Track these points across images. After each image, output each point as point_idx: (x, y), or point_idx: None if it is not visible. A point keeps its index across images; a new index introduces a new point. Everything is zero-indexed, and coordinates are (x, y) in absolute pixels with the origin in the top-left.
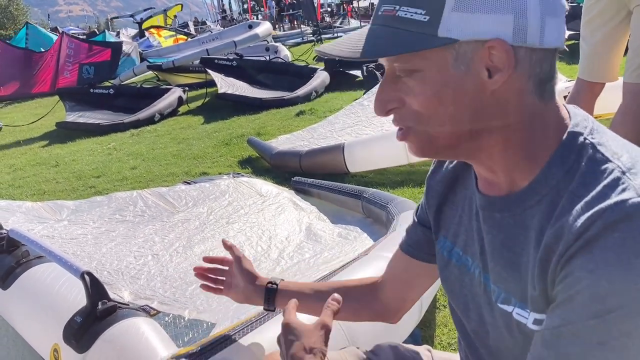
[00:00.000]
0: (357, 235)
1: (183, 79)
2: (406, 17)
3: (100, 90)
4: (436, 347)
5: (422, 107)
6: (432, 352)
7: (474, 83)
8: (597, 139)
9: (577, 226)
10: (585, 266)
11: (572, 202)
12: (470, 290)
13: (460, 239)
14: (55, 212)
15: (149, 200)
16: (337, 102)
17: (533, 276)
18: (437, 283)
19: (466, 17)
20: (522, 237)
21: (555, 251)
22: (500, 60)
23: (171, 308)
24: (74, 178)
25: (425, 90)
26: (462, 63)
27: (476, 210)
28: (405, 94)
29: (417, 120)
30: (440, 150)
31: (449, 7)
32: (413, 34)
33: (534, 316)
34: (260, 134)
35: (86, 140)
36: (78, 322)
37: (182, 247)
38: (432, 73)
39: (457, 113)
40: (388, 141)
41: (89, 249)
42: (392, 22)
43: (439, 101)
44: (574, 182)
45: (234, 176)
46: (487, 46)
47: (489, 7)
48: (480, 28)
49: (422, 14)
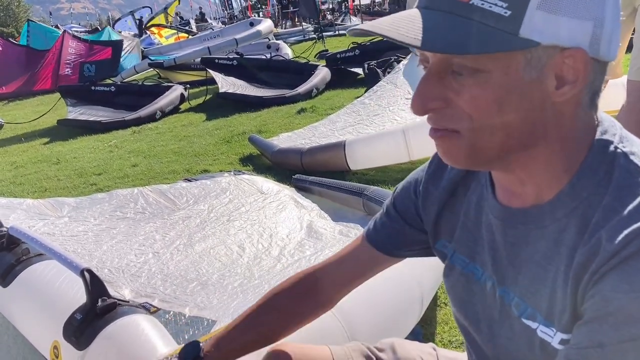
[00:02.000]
0: (358, 233)
1: (184, 76)
2: (483, 8)
3: (102, 88)
4: (437, 345)
5: (477, 112)
6: (437, 351)
7: (539, 92)
8: (628, 148)
9: (614, 244)
10: (619, 286)
11: (606, 217)
12: (481, 300)
13: (464, 245)
14: (56, 209)
15: (149, 197)
16: (338, 100)
17: (565, 295)
18: (439, 280)
19: (550, 18)
20: (551, 251)
21: (589, 268)
22: (574, 72)
23: (172, 305)
24: (75, 175)
25: (486, 93)
26: (535, 69)
27: (486, 219)
28: (456, 93)
29: (465, 124)
30: (482, 162)
31: (534, 3)
32: (491, 30)
33: (560, 336)
34: (262, 132)
35: (87, 138)
36: (78, 319)
37: (183, 245)
38: (499, 75)
39: (513, 123)
40: (389, 138)
41: (90, 247)
42: (462, 10)
43: (499, 107)
44: (608, 196)
45: (235, 174)
46: (564, 54)
47: (574, 11)
48: (562, 33)
49: (503, 7)
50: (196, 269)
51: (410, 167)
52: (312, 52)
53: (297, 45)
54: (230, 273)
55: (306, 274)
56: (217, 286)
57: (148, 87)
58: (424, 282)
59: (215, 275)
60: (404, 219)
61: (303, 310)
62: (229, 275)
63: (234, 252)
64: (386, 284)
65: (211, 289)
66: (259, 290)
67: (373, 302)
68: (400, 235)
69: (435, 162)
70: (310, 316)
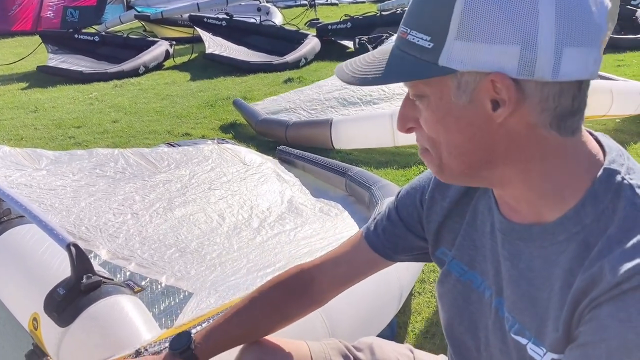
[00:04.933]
0: (338, 213)
1: (170, 31)
2: (413, 42)
3: (85, 37)
4: (409, 335)
5: (430, 132)
6: (414, 353)
7: (478, 114)
8: (635, 180)
9: (616, 276)
10: (616, 315)
11: (610, 247)
12: (478, 308)
13: (465, 253)
14: (34, 161)
15: (130, 158)
16: (326, 72)
17: (559, 317)
18: (417, 273)
19: (469, 46)
20: (546, 272)
21: (588, 295)
22: (505, 93)
23: (148, 271)
24: (54, 126)
25: (431, 116)
26: (465, 93)
27: (492, 229)
28: (420, 116)
29: (430, 144)
30: (455, 177)
31: (452, 35)
32: (417, 60)
33: (550, 356)
34: (246, 98)
35: (67, 87)
36: (61, 294)
37: (163, 208)
38: (435, 100)
39: (461, 142)
40: (376, 121)
41: (68, 202)
42: (403, 45)
43: (444, 129)
44: (613, 226)
45: (218, 142)
46: (488, 78)
47: (493, 37)
48: (482, 59)
49: (427, 40)
50: (175, 234)
51: (394, 151)
52: (303, 20)
53: (287, 10)
54: (209, 242)
55: (301, 270)
56: (195, 255)
57: (133, 40)
58: (403, 276)
59: (194, 243)
60: (405, 225)
61: (296, 306)
62: (207, 244)
63: (213, 221)
64: (367, 278)
65: (189, 257)
66: (237, 264)
67: (353, 295)
68: (400, 241)
69: None
70: (303, 312)
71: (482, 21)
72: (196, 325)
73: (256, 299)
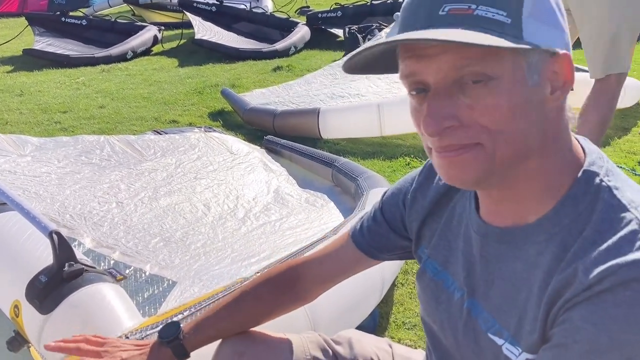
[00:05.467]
0: (324, 204)
1: (159, 16)
2: (487, 17)
3: (73, 20)
4: (391, 325)
5: (493, 121)
6: (393, 348)
7: (540, 98)
8: (613, 182)
9: (589, 277)
10: (589, 317)
11: (585, 248)
12: (446, 309)
13: (439, 252)
14: (18, 147)
15: (116, 146)
16: (315, 61)
17: (536, 317)
18: (400, 265)
19: (539, 26)
20: (526, 273)
21: (562, 296)
22: (562, 76)
23: (133, 260)
24: (39, 111)
25: (500, 101)
26: (535, 73)
27: (466, 231)
28: (469, 108)
29: (484, 137)
30: (494, 176)
31: (526, 12)
32: (500, 34)
33: (525, 356)
34: (235, 86)
35: (54, 71)
36: (43, 281)
37: (148, 197)
38: (509, 81)
39: (525, 129)
40: (364, 111)
41: (52, 190)
42: (469, 21)
43: (513, 114)
44: (589, 228)
45: (205, 130)
46: (554, 59)
47: (552, 20)
48: (548, 38)
49: (504, 15)
50: (160, 223)
51: (381, 142)
52: (293, 7)
53: None
54: (194, 232)
55: (289, 267)
56: (179, 244)
57: (121, 24)
58: (385, 267)
59: (178, 233)
60: (389, 225)
61: (283, 302)
62: (192, 233)
63: (199, 210)
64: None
65: (173, 247)
66: (222, 253)
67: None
68: (384, 240)
69: (425, 171)
70: (290, 308)
71: (546, 2)
72: (178, 314)
73: (245, 294)
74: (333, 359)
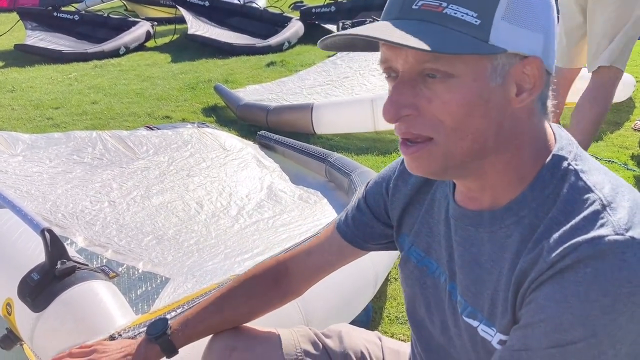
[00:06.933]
0: (317, 200)
1: (153, 11)
2: (455, 17)
3: (65, 15)
4: (384, 320)
5: (448, 116)
6: (382, 341)
7: (503, 98)
8: (580, 166)
9: (552, 255)
10: (552, 296)
11: (550, 229)
12: (433, 294)
13: (422, 239)
14: (9, 145)
15: (108, 143)
16: (309, 57)
17: (506, 299)
18: (392, 259)
19: (512, 28)
20: (496, 255)
21: (529, 276)
22: (532, 79)
23: (125, 258)
24: (31, 107)
25: (456, 97)
26: (499, 75)
27: (446, 216)
28: (427, 100)
29: (436, 130)
30: (450, 169)
31: (499, 14)
32: (465, 36)
33: (499, 337)
34: (228, 82)
35: (46, 67)
36: (35, 279)
37: (140, 196)
38: (468, 80)
39: (481, 127)
40: (357, 106)
41: (44, 189)
42: (437, 19)
43: (468, 112)
44: (555, 209)
45: (198, 126)
46: (523, 62)
47: (529, 23)
48: (522, 42)
49: (473, 17)
50: (152, 222)
51: (375, 137)
52: (287, 3)
53: None
54: (186, 230)
55: (277, 262)
56: (172, 242)
57: (114, 20)
58: (378, 262)
59: (171, 231)
60: (373, 213)
61: (272, 297)
62: (185, 231)
63: (191, 209)
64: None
65: (166, 244)
66: (215, 250)
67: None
68: (368, 229)
69: None
70: (279, 303)
71: (525, 5)
72: (171, 311)
73: (233, 289)
74: (323, 352)
